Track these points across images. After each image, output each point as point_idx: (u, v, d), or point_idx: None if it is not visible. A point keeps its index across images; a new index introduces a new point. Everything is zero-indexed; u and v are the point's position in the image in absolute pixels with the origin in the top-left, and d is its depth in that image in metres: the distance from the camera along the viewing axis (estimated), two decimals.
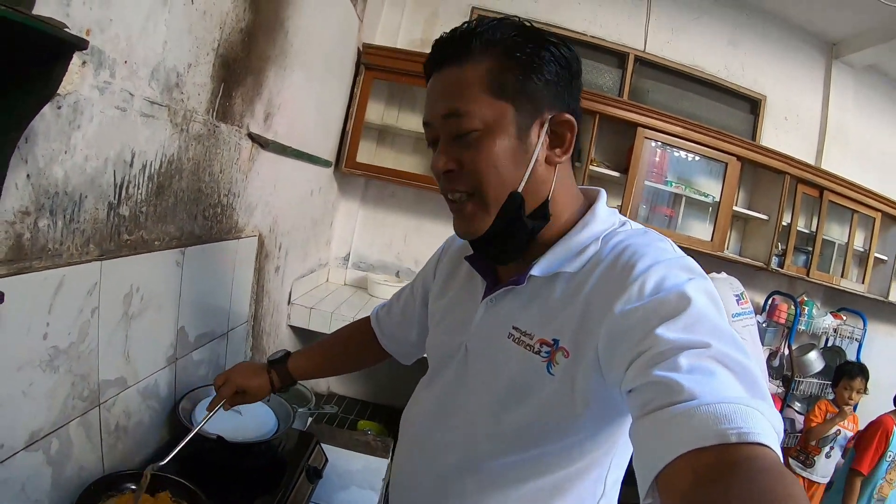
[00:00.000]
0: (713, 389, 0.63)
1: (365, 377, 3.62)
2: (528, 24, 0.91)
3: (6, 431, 1.03)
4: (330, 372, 1.50)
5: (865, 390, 3.54)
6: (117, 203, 1.27)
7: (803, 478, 3.52)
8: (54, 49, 0.78)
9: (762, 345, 4.00)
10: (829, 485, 3.64)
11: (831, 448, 3.53)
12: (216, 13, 1.51)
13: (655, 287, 0.79)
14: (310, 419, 2.15)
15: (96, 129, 1.14)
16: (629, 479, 0.77)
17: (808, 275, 3.83)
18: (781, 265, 3.78)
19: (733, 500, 0.52)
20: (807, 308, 4.03)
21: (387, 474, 1.91)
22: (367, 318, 1.45)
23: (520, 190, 0.89)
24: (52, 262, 1.09)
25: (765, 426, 0.59)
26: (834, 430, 3.49)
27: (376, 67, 3.26)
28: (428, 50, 0.94)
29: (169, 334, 1.61)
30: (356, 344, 1.47)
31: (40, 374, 1.09)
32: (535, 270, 0.93)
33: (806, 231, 3.91)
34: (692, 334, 0.70)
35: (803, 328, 4.03)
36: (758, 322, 3.97)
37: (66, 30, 0.76)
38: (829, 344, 4.27)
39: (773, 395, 4.08)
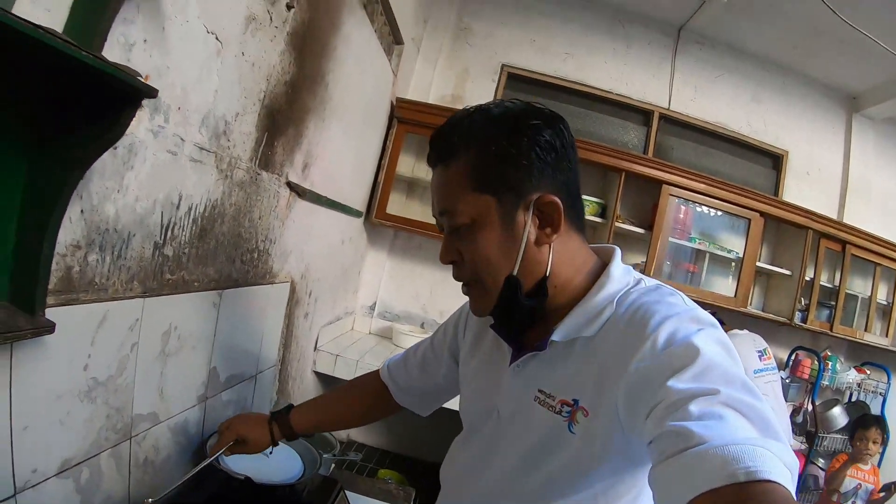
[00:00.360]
0: (723, 433, 0.65)
1: (385, 427, 3.61)
2: (510, 106, 0.95)
3: (41, 457, 1.05)
4: (334, 427, 1.50)
5: (884, 441, 3.44)
6: (162, 243, 1.33)
7: None
8: (127, 96, 0.84)
9: (786, 401, 3.91)
10: None
11: (853, 503, 3.38)
12: (264, 65, 1.59)
13: (667, 341, 0.81)
14: (332, 465, 2.15)
15: (148, 171, 1.20)
16: None
17: (831, 329, 3.77)
18: (805, 320, 3.73)
19: None
20: (830, 363, 3.94)
21: None
22: (376, 373, 1.46)
23: (515, 273, 0.93)
24: (97, 296, 1.14)
25: (775, 464, 0.61)
26: (854, 483, 3.36)
27: (408, 121, 3.36)
28: (459, 105, 1.00)
29: (201, 374, 1.64)
30: (364, 398, 1.47)
31: (78, 403, 1.12)
32: (556, 336, 0.96)
33: (829, 285, 3.87)
34: (702, 382, 0.73)
35: (827, 383, 3.93)
36: (781, 378, 3.90)
37: (139, 78, 0.81)
38: (853, 399, 4.16)
39: (797, 452, 3.95)
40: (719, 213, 3.63)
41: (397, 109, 3.34)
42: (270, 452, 1.49)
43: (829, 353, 3.99)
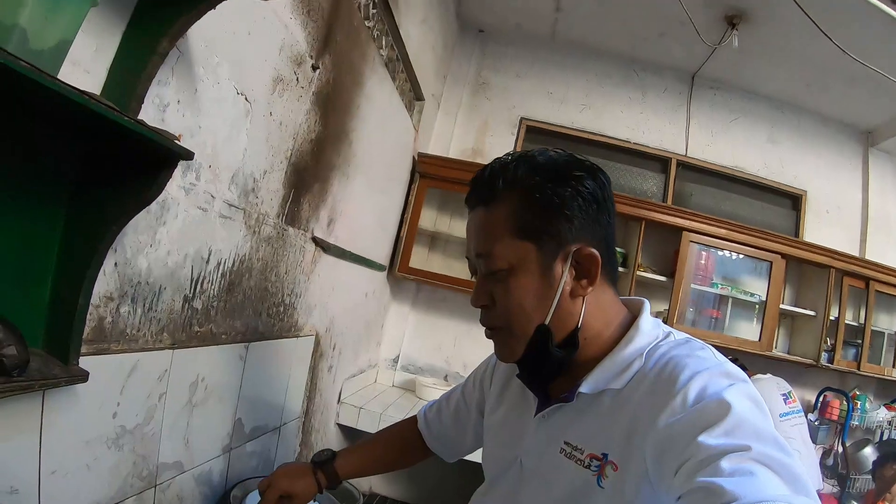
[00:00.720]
0: (755, 489, 0.64)
1: (407, 478, 3.57)
2: (554, 156, 0.95)
3: (68, 501, 1.08)
4: (374, 471, 1.46)
5: None
6: (192, 296, 1.38)
7: None
8: (164, 158, 0.89)
9: (815, 443, 3.78)
10: None
11: None
12: (291, 124, 1.67)
13: (697, 397, 0.80)
14: None
15: (180, 227, 1.26)
16: None
17: (858, 368, 3.67)
18: (831, 360, 3.64)
19: None
20: (859, 402, 3.82)
21: None
22: (413, 419, 1.46)
23: (546, 322, 0.93)
24: (128, 347, 1.18)
25: None
26: None
27: (430, 176, 3.44)
28: (479, 159, 1.02)
29: (227, 424, 1.66)
30: (401, 444, 1.46)
31: (106, 450, 1.16)
32: (584, 388, 0.94)
33: (854, 323, 3.79)
34: (733, 439, 0.72)
35: (857, 423, 3.80)
36: (809, 420, 3.79)
37: (176, 141, 0.87)
38: (885, 437, 3.97)
39: (828, 496, 3.79)
40: (741, 256, 3.62)
41: (419, 164, 3.42)
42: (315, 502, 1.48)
43: (857, 393, 3.89)
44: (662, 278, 3.58)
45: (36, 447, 0.98)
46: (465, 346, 3.73)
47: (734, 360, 3.30)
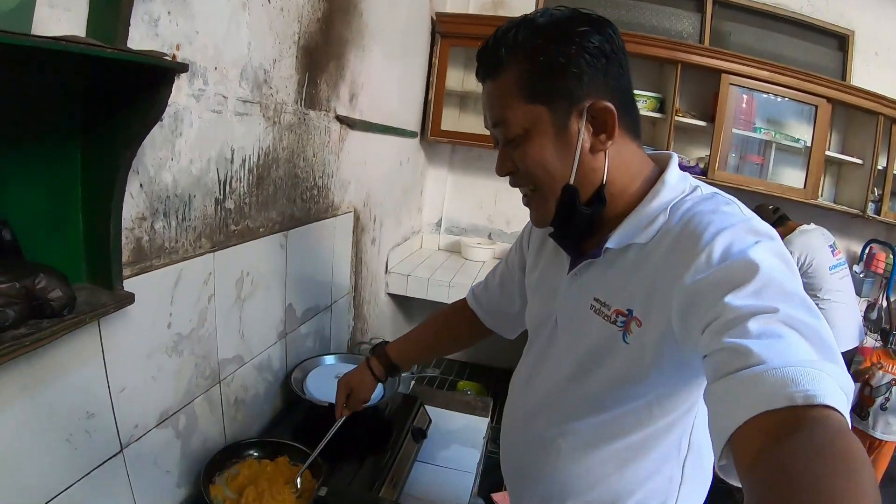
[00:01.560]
0: (782, 353, 0.64)
1: None
2: (556, 14, 0.91)
3: (140, 413, 1.18)
4: (430, 356, 1.53)
5: None
6: (223, 198, 1.39)
7: (860, 430, 3.14)
8: (158, 76, 0.87)
9: (860, 296, 3.76)
10: None
11: (886, 399, 3.10)
12: (292, 8, 1.58)
13: (723, 254, 0.79)
14: (412, 382, 2.26)
15: (197, 134, 1.24)
16: None
17: None
18: (878, 212, 3.52)
19: (796, 461, 0.54)
20: None
21: (487, 432, 2.00)
22: (464, 300, 1.49)
23: (571, 182, 0.93)
24: (169, 259, 1.22)
25: (832, 388, 0.60)
26: (888, 378, 3.10)
27: (451, 35, 3.27)
28: (500, 12, 0.98)
29: (278, 312, 1.74)
30: (455, 327, 1.50)
31: (167, 359, 1.24)
32: (610, 243, 0.95)
33: None
34: (761, 300, 0.71)
35: None
36: (855, 273, 3.75)
37: (165, 58, 0.84)
38: None
39: (871, 349, 3.82)
40: (784, 100, 3.40)
41: (439, 24, 3.24)
42: (383, 393, 1.60)
43: None
44: (702, 123, 3.43)
45: (102, 371, 1.06)
46: (506, 202, 3.73)
47: (775, 211, 3.24)
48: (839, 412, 0.59)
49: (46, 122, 0.89)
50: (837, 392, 0.60)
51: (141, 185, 1.10)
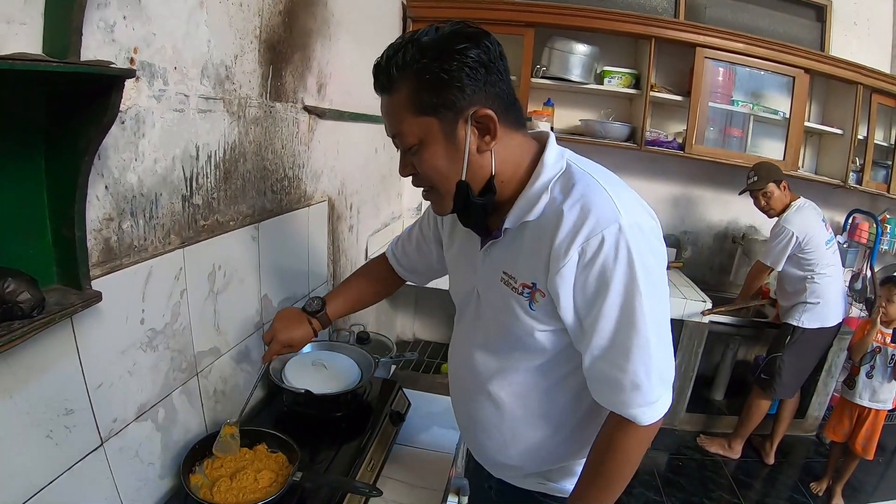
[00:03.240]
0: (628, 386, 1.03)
1: (447, 323, 3.76)
2: (436, 32, 1.00)
3: (119, 407, 1.22)
4: (359, 307, 1.65)
5: None
6: (190, 194, 1.42)
7: (847, 401, 3.20)
8: (106, 83, 0.90)
9: (844, 266, 3.78)
10: None
11: (871, 367, 3.11)
12: (252, 2, 1.59)
13: (591, 258, 0.99)
14: (393, 367, 2.31)
15: (160, 134, 1.27)
16: None
17: (888, 190, 3.62)
18: (860, 181, 3.59)
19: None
20: (889, 226, 3.79)
21: None
22: (383, 256, 1.63)
23: (464, 178, 1.05)
24: (139, 257, 1.25)
25: (646, 413, 1.05)
26: (872, 346, 3.10)
27: (422, 19, 3.29)
28: None
29: (254, 303, 1.78)
30: (378, 280, 1.63)
31: (142, 354, 1.27)
32: (507, 224, 1.11)
33: (884, 144, 3.67)
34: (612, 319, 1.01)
35: (886, 248, 3.82)
36: (839, 242, 3.78)
37: (112, 66, 0.87)
38: None
39: (857, 319, 3.83)
40: (762, 72, 3.44)
41: (409, 9, 3.27)
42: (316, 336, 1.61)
43: (887, 216, 3.84)
44: (678, 97, 3.47)
45: (78, 368, 1.09)
46: None
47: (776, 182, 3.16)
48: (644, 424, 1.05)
49: (10, 131, 0.91)
50: (648, 411, 1.04)
51: (106, 187, 1.13)
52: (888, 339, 3.08)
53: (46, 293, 0.98)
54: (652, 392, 1.03)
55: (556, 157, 1.09)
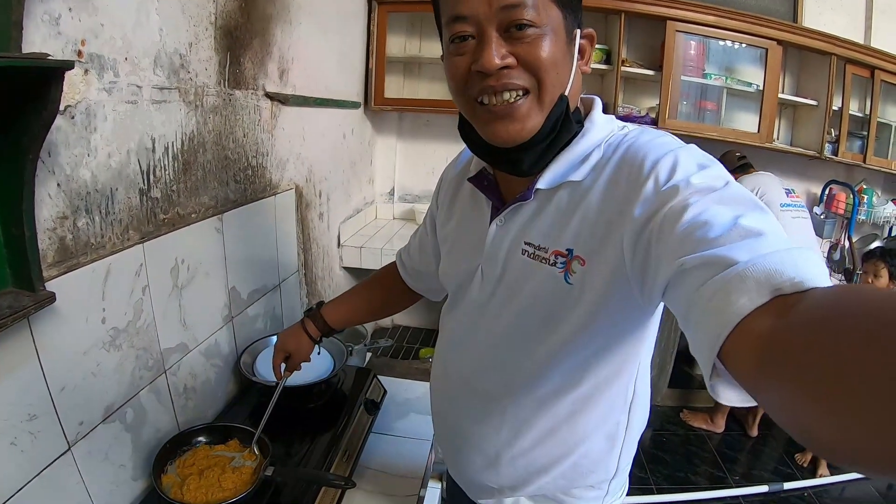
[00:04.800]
0: (756, 248, 0.61)
1: (426, 306, 3.75)
2: None
3: (84, 409, 1.19)
4: (364, 318, 1.54)
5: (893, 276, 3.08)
6: (147, 188, 1.38)
7: None
8: (44, 76, 0.86)
9: (822, 237, 3.87)
10: None
11: None
12: None
13: (667, 178, 0.78)
14: (368, 354, 2.30)
15: (112, 127, 1.23)
16: None
17: (864, 161, 3.63)
18: (836, 153, 3.60)
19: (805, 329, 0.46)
20: (866, 197, 3.85)
21: None
22: (393, 264, 1.51)
23: (566, 93, 0.88)
24: (97, 255, 1.21)
25: (817, 272, 0.56)
26: None
27: (388, 1, 3.22)
28: None
29: (221, 296, 1.75)
30: (386, 289, 1.52)
31: (105, 354, 1.24)
32: (541, 183, 0.93)
33: (860, 115, 3.68)
34: (722, 207, 0.70)
35: (864, 218, 3.87)
36: (815, 215, 3.82)
37: (49, 58, 0.83)
38: (894, 233, 4.03)
39: None
40: (734, 45, 3.44)
41: None
42: (319, 352, 1.57)
43: (864, 187, 3.88)
44: (650, 72, 3.46)
45: (39, 372, 1.06)
46: None
47: (740, 158, 3.32)
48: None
49: None
50: (822, 276, 0.56)
51: (58, 184, 1.09)
52: None
53: (1, 297, 0.95)
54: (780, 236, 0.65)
55: (607, 119, 0.96)
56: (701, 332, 0.60)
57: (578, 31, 0.89)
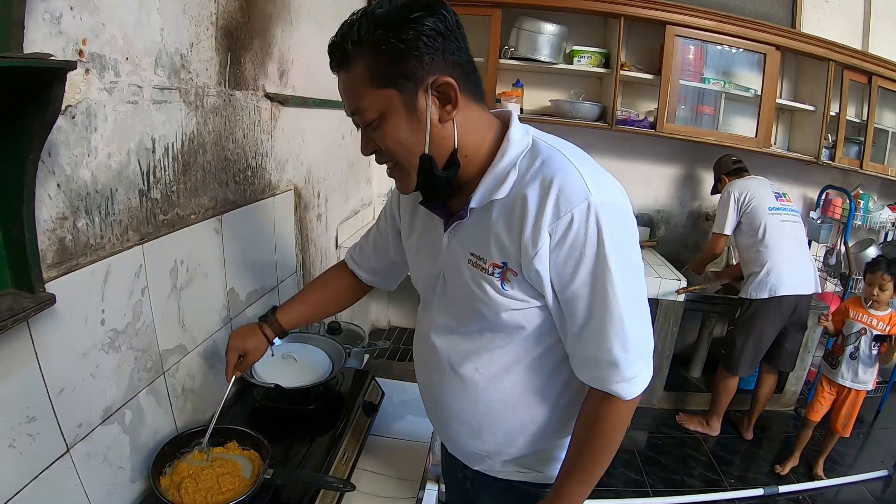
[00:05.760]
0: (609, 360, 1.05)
1: (415, 306, 3.74)
2: (389, 4, 0.98)
3: (83, 411, 1.18)
4: (318, 316, 1.62)
5: None
6: (147, 189, 1.37)
7: (830, 380, 3.25)
8: (47, 76, 0.85)
9: (818, 242, 3.89)
10: None
11: (855, 348, 3.13)
12: None
13: (567, 226, 0.98)
14: (366, 357, 2.29)
15: (112, 127, 1.22)
16: None
17: (861, 166, 3.66)
18: (832, 158, 3.61)
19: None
20: (862, 202, 3.86)
21: None
22: (343, 263, 1.60)
23: (426, 151, 1.03)
24: (96, 256, 1.21)
25: (627, 388, 1.06)
26: (858, 328, 3.13)
27: None
28: None
29: (220, 297, 1.74)
30: (338, 287, 1.59)
31: (104, 356, 1.23)
32: (473, 203, 1.09)
33: (856, 120, 3.71)
34: (593, 301, 1.01)
35: (860, 223, 3.87)
36: (812, 219, 3.83)
37: (51, 58, 0.83)
38: (889, 238, 4.05)
39: (831, 294, 3.87)
40: (732, 49, 3.45)
41: None
42: (272, 354, 1.60)
43: (860, 192, 3.88)
44: (649, 76, 3.48)
45: (38, 374, 1.05)
46: None
47: (735, 162, 3.36)
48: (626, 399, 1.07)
49: None
50: (627, 386, 1.06)
51: (58, 184, 1.08)
52: (874, 322, 3.10)
53: (1, 298, 0.94)
54: (631, 368, 1.05)
55: (521, 132, 1.09)
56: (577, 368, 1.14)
57: (426, 89, 0.99)
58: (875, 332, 3.08)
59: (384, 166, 1.13)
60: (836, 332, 3.27)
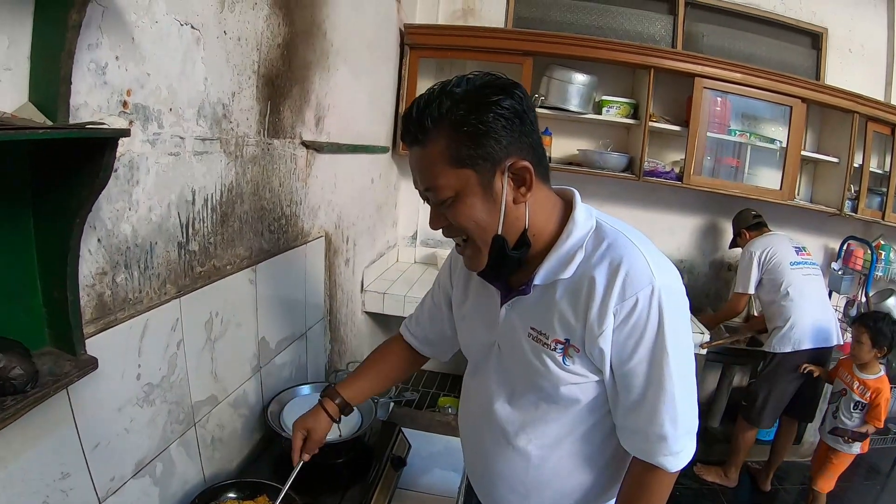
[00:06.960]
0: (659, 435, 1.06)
1: None
2: (467, 84, 1.00)
3: (116, 465, 1.17)
4: (379, 390, 1.59)
5: (877, 344, 2.95)
6: (186, 241, 1.37)
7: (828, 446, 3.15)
8: (99, 144, 0.85)
9: (839, 293, 3.86)
10: None
11: (836, 408, 3.09)
12: (250, 36, 1.56)
13: (631, 308, 1.00)
14: (391, 406, 2.26)
15: (154, 180, 1.23)
16: None
17: (883, 217, 3.61)
18: (855, 209, 3.58)
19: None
20: (884, 253, 3.82)
21: None
22: (399, 335, 1.58)
23: (500, 232, 1.04)
24: (134, 311, 1.20)
25: (673, 461, 1.08)
26: (840, 387, 3.10)
27: (420, 46, 3.27)
28: (469, 21, 1.09)
29: (251, 346, 1.73)
30: (396, 360, 1.56)
31: (139, 410, 1.22)
32: (537, 280, 1.10)
33: (879, 171, 3.68)
34: (650, 384, 1.04)
35: (881, 274, 3.83)
36: (834, 270, 3.82)
37: (103, 127, 0.83)
38: None
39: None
40: (759, 101, 3.44)
41: (407, 36, 3.24)
42: (340, 434, 1.62)
43: (882, 243, 3.85)
44: (676, 128, 3.47)
45: (73, 432, 1.05)
46: None
47: (756, 217, 3.35)
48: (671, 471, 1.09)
49: (2, 195, 0.88)
50: (674, 460, 1.08)
51: (99, 240, 1.08)
52: (855, 384, 3.02)
53: (39, 357, 0.94)
54: (678, 442, 1.06)
55: (585, 214, 1.11)
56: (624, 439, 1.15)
57: (503, 171, 1.01)
58: (855, 397, 3.01)
59: (411, 208, 1.13)
60: (830, 382, 3.26)
